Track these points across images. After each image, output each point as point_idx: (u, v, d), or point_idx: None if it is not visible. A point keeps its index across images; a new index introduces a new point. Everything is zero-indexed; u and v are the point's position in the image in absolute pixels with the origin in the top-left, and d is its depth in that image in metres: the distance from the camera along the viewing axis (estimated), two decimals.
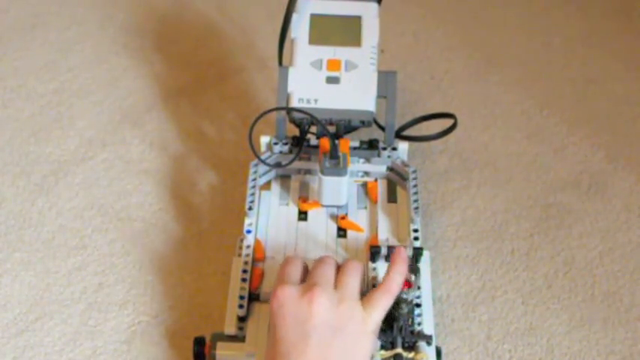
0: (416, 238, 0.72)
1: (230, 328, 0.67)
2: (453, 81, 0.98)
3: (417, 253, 0.71)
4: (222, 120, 0.93)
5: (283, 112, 0.77)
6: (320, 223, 0.76)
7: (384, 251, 0.71)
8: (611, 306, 0.75)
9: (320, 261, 0.64)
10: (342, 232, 0.76)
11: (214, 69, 1.00)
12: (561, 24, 1.07)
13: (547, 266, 0.78)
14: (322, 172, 0.74)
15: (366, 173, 0.80)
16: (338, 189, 0.75)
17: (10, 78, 0.98)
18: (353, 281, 0.62)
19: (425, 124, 0.85)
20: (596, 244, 0.80)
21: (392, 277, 0.63)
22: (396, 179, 0.79)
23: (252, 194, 0.75)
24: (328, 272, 0.63)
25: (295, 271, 0.64)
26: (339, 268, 0.64)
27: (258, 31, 1.05)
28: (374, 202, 0.78)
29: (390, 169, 0.79)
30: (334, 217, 0.77)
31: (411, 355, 0.63)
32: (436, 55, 1.02)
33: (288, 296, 0.60)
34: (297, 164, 0.79)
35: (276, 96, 0.77)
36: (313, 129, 0.79)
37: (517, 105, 0.95)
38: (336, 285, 0.62)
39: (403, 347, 0.64)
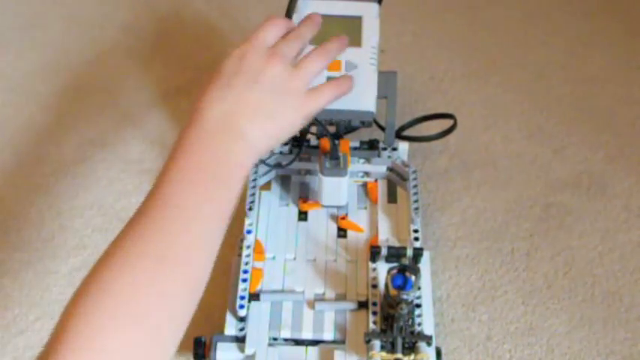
0: (416, 239, 0.72)
1: (230, 329, 0.67)
2: (453, 81, 0.98)
3: (417, 253, 0.71)
4: None
5: None
6: (320, 223, 0.76)
7: (384, 251, 0.71)
8: (611, 306, 0.75)
9: (293, 34, 0.64)
10: (342, 233, 0.76)
11: (214, 69, 1.00)
12: (561, 24, 1.07)
13: (547, 266, 0.78)
14: (322, 173, 0.74)
15: (366, 173, 0.80)
16: (338, 189, 0.75)
17: (10, 78, 0.98)
18: (314, 68, 0.63)
19: (425, 124, 0.85)
20: (596, 244, 0.80)
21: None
22: (396, 179, 0.79)
23: (252, 194, 0.75)
24: (295, 48, 0.63)
25: (271, 39, 0.62)
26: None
27: None
28: (374, 202, 0.78)
29: (390, 169, 0.79)
30: (334, 218, 0.77)
31: (411, 357, 0.63)
32: (436, 55, 1.02)
33: (251, 57, 0.61)
34: (297, 164, 0.79)
35: None
36: (313, 129, 0.79)
37: (517, 105, 0.95)
38: (297, 65, 0.62)
39: (403, 347, 0.64)
